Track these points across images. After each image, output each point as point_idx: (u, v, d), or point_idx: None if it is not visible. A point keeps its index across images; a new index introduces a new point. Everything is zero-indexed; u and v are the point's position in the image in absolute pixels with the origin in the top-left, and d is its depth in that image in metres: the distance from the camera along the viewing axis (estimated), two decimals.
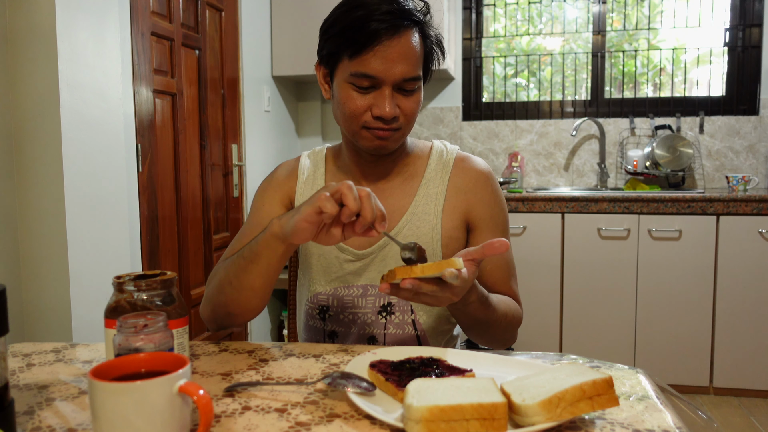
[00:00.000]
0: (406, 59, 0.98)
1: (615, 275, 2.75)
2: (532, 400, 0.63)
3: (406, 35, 0.98)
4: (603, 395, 0.64)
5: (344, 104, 1.01)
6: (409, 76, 0.99)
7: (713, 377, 2.71)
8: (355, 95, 1.00)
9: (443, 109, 3.44)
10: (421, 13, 1.02)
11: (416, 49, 1.00)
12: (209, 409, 0.58)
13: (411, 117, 1.03)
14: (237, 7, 2.73)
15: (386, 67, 0.97)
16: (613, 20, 3.32)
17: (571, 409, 0.63)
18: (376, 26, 0.95)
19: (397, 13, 0.97)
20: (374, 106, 0.99)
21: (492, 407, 0.62)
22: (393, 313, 1.11)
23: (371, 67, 0.97)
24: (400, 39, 0.97)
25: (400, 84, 0.99)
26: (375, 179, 1.13)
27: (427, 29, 1.03)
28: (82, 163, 1.63)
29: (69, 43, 1.57)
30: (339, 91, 1.02)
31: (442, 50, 1.07)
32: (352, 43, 0.97)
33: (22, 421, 0.70)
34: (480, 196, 1.12)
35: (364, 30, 0.96)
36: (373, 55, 0.96)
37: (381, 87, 0.99)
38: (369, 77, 0.98)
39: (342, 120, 1.05)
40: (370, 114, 1.00)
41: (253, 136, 2.87)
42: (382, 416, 0.66)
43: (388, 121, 1.00)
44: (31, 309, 1.59)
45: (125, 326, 0.67)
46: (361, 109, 1.00)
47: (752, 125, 3.11)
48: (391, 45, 0.96)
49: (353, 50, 0.97)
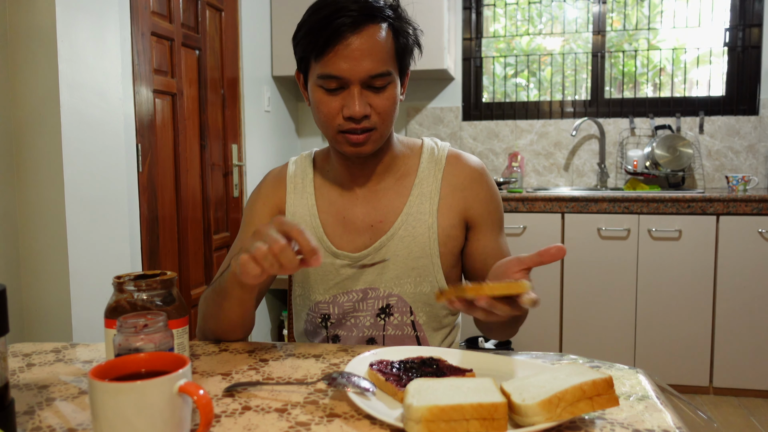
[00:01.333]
0: (371, 55, 0.95)
1: (615, 275, 2.75)
2: (532, 400, 0.63)
3: (370, 31, 0.96)
4: (603, 395, 0.64)
5: (317, 108, 1.00)
6: (375, 72, 0.96)
7: (713, 377, 2.71)
8: (326, 98, 0.98)
9: (443, 109, 3.44)
10: (389, 8, 0.99)
11: (383, 43, 0.97)
12: (209, 409, 0.58)
13: (385, 115, 1.00)
14: (237, 7, 2.73)
15: (351, 65, 0.95)
16: (613, 20, 3.32)
17: (571, 409, 0.63)
18: (337, 24, 0.93)
19: (359, 9, 0.95)
20: (345, 106, 0.97)
21: (492, 407, 0.62)
22: (392, 315, 1.10)
23: (335, 67, 0.95)
24: (364, 35, 0.95)
25: (369, 81, 0.97)
26: (365, 181, 1.11)
27: (398, 24, 1.00)
28: (82, 163, 1.63)
29: (69, 43, 1.57)
30: (312, 95, 1.01)
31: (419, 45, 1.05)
32: (316, 45, 0.96)
33: (22, 421, 0.70)
34: (477, 194, 1.11)
35: (326, 30, 0.94)
36: (336, 55, 0.95)
37: (349, 86, 0.97)
38: (335, 78, 0.96)
39: (319, 125, 1.03)
40: (342, 116, 0.98)
41: (253, 136, 2.87)
42: (382, 416, 0.66)
43: (359, 120, 0.97)
44: (31, 309, 1.59)
45: (125, 326, 0.67)
46: (334, 111, 0.98)
47: (752, 125, 3.11)
48: (354, 42, 0.94)
49: (317, 51, 0.96)
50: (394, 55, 1.00)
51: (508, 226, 2.81)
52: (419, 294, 1.10)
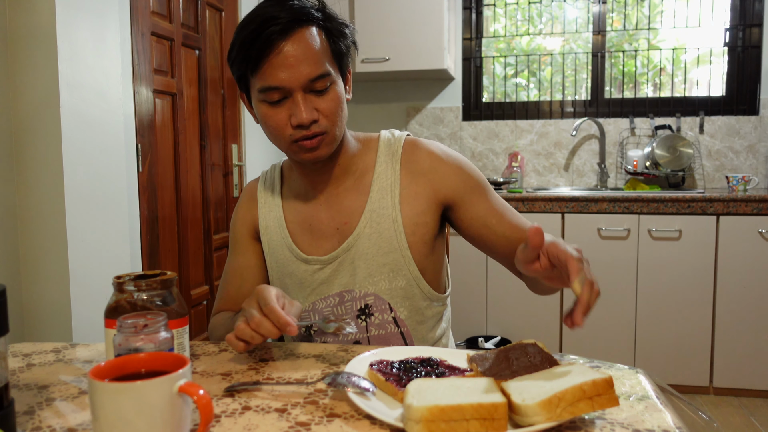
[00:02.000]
0: (306, 59, 0.94)
1: (615, 275, 2.75)
2: (532, 400, 0.63)
3: (300, 35, 0.95)
4: (603, 395, 0.64)
5: (266, 124, 1.00)
6: (314, 75, 0.95)
7: (713, 377, 2.71)
8: (271, 111, 0.98)
9: (443, 109, 3.44)
10: (315, 9, 0.99)
11: (315, 46, 0.96)
12: (209, 409, 0.58)
13: (333, 116, 0.99)
14: (237, 7, 2.73)
15: (288, 73, 0.94)
16: (613, 20, 3.32)
17: (571, 409, 0.63)
18: (267, 34, 0.93)
19: (286, 16, 0.94)
20: (291, 115, 0.96)
21: (492, 407, 0.62)
22: (372, 315, 1.10)
23: (274, 77, 0.94)
24: (295, 40, 0.94)
25: (310, 86, 0.96)
26: (325, 186, 1.11)
27: (328, 24, 0.99)
28: (82, 163, 1.63)
29: (69, 43, 1.57)
30: (257, 111, 1.01)
31: (354, 42, 1.05)
32: (249, 59, 0.95)
33: (23, 421, 0.70)
34: (441, 173, 1.08)
35: (257, 42, 0.93)
36: (271, 65, 0.94)
37: (292, 94, 0.96)
38: (275, 89, 0.95)
39: (272, 140, 1.02)
40: (290, 126, 0.97)
41: (253, 136, 2.87)
42: (382, 416, 0.66)
43: (308, 126, 0.97)
44: (31, 309, 1.59)
45: (125, 326, 0.67)
46: (282, 123, 0.97)
47: (752, 125, 3.11)
48: (286, 49, 0.93)
49: (252, 66, 0.95)
50: (331, 55, 0.99)
51: None
52: (395, 289, 1.09)
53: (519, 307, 2.85)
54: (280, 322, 0.81)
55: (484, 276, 2.87)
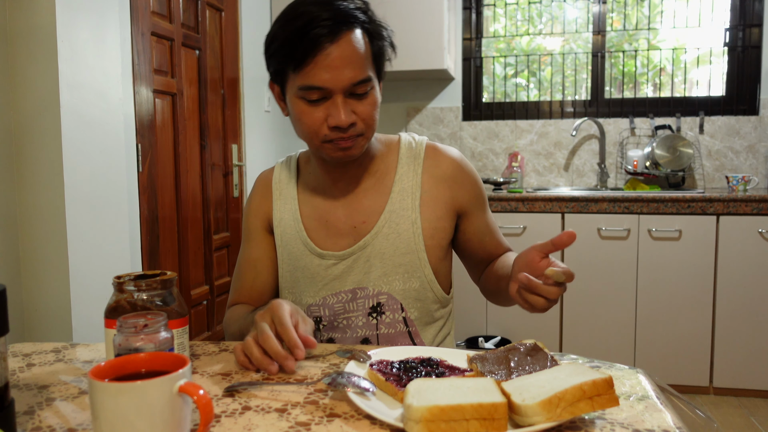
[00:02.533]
0: (352, 63, 0.95)
1: (615, 275, 2.75)
2: (532, 400, 0.63)
3: (347, 38, 0.95)
4: (603, 395, 0.64)
5: (300, 120, 0.99)
6: (357, 80, 0.96)
7: (713, 377, 2.71)
8: (308, 109, 0.97)
9: (443, 109, 3.44)
10: (360, 11, 0.98)
11: (361, 50, 0.96)
12: (209, 409, 0.58)
13: (369, 120, 1.00)
14: (237, 7, 2.73)
15: (332, 75, 0.94)
16: (613, 20, 3.32)
17: (571, 409, 0.63)
18: (314, 35, 0.92)
19: (333, 18, 0.93)
20: (329, 116, 0.96)
21: (492, 407, 0.62)
22: (383, 313, 1.10)
23: (317, 78, 0.94)
24: (342, 43, 0.94)
25: (351, 89, 0.96)
26: (345, 185, 1.11)
27: (371, 27, 1.00)
28: (82, 163, 1.63)
29: (69, 43, 1.57)
30: (292, 107, 1.00)
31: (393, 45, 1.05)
32: (293, 56, 0.94)
33: (23, 421, 0.70)
34: (462, 183, 1.12)
35: (303, 41, 0.92)
36: (316, 65, 0.93)
37: (332, 96, 0.96)
38: (317, 89, 0.95)
39: (302, 136, 1.03)
40: (327, 126, 0.97)
41: (253, 136, 2.87)
42: (382, 416, 0.66)
43: (346, 129, 0.97)
44: (31, 309, 1.59)
45: (125, 326, 0.67)
46: (318, 122, 0.97)
47: (752, 125, 3.11)
48: (333, 51, 0.93)
49: (296, 63, 0.94)
50: (372, 59, 1.00)
51: (509, 225, 2.81)
52: (409, 290, 1.10)
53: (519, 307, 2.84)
54: (290, 343, 0.81)
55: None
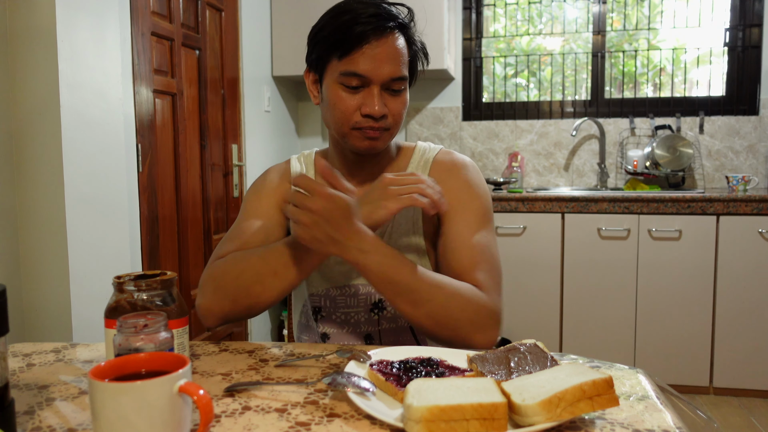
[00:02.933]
0: (393, 59, 1.01)
1: (615, 275, 2.75)
2: (532, 400, 0.63)
3: (392, 37, 1.02)
4: (603, 395, 0.64)
5: (335, 105, 1.03)
6: (396, 76, 1.02)
7: (713, 377, 2.71)
8: (345, 95, 1.02)
9: (443, 109, 3.44)
10: (405, 18, 1.07)
11: (402, 50, 1.03)
12: (209, 409, 0.58)
13: (398, 117, 1.05)
14: (237, 7, 2.73)
15: (374, 66, 1.00)
16: (613, 20, 3.32)
17: (571, 409, 0.63)
18: (362, 28, 0.99)
19: (382, 16, 1.01)
20: (363, 105, 1.01)
21: (492, 407, 0.62)
22: (385, 309, 1.12)
23: (360, 66, 1.00)
24: (387, 40, 1.01)
25: (388, 84, 1.02)
26: (362, 180, 1.13)
27: (411, 34, 1.07)
28: (82, 163, 1.63)
29: (69, 43, 1.57)
30: (329, 92, 1.05)
31: (426, 55, 1.12)
32: (341, 45, 1.00)
33: (23, 421, 0.70)
34: (449, 185, 1.09)
35: (352, 31, 0.99)
36: (362, 55, 1.00)
37: (369, 86, 1.01)
38: (358, 76, 1.00)
39: (332, 121, 1.06)
40: (360, 114, 1.02)
41: (253, 136, 2.87)
42: (382, 416, 0.66)
43: (378, 119, 1.02)
44: (31, 309, 1.59)
45: (125, 326, 0.67)
46: (352, 108, 1.02)
47: (752, 125, 3.11)
48: (378, 45, 1.00)
49: (342, 51, 1.00)
50: (408, 62, 1.06)
51: (509, 226, 2.81)
52: None
53: (519, 307, 2.85)
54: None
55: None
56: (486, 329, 0.95)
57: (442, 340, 0.95)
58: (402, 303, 0.92)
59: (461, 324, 0.93)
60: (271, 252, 0.98)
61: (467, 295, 0.95)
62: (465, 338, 0.94)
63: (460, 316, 0.93)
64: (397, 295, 0.92)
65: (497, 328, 0.97)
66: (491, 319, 0.96)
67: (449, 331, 0.94)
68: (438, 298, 0.92)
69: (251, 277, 0.98)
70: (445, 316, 0.92)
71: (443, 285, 0.94)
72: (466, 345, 0.94)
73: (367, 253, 0.89)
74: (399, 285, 0.91)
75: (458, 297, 0.94)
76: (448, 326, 0.93)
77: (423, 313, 0.92)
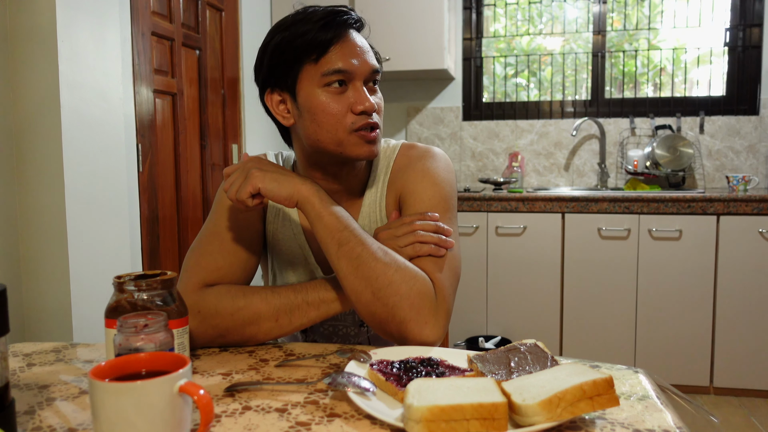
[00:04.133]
0: (367, 53, 0.98)
1: (615, 275, 2.75)
2: (532, 400, 0.63)
3: (363, 32, 1.01)
4: (603, 395, 0.64)
5: (323, 112, 0.95)
6: (375, 68, 0.99)
7: (713, 377, 2.71)
8: (332, 98, 0.95)
9: (443, 109, 3.44)
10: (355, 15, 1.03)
11: (369, 44, 1.01)
12: (209, 409, 0.58)
13: (380, 114, 1.01)
14: (237, 7, 2.73)
15: (357, 59, 0.96)
16: (613, 20, 3.32)
17: (572, 409, 0.63)
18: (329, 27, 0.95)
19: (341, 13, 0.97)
20: (354, 103, 0.95)
21: (492, 407, 0.62)
22: None
23: (343, 61, 0.95)
24: (356, 36, 0.99)
25: (370, 77, 0.98)
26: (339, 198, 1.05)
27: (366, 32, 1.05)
28: (82, 163, 1.63)
29: (69, 43, 1.57)
30: (311, 102, 0.96)
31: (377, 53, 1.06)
32: (314, 47, 0.94)
33: (23, 421, 0.70)
34: (408, 175, 1.04)
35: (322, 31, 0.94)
36: (339, 51, 0.95)
37: (353, 82, 0.96)
38: (341, 71, 0.95)
39: (323, 132, 0.96)
40: (352, 114, 0.96)
41: (253, 136, 2.87)
42: (383, 416, 0.66)
43: (371, 114, 0.96)
44: (31, 309, 1.59)
45: (125, 326, 0.67)
46: (342, 111, 0.95)
47: (752, 125, 3.10)
48: (350, 40, 0.97)
49: (318, 52, 0.95)
50: None
51: (509, 225, 2.81)
52: None
53: (519, 307, 2.85)
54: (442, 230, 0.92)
55: (484, 276, 2.87)
56: (429, 318, 0.88)
57: (377, 320, 0.89)
58: (345, 264, 0.88)
59: (402, 303, 0.86)
60: (277, 296, 0.94)
61: (409, 271, 0.88)
62: (403, 323, 0.87)
63: (403, 292, 0.87)
64: (342, 255, 0.88)
65: (444, 321, 0.89)
66: (427, 301, 0.88)
67: (387, 309, 0.87)
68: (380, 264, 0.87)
69: (248, 317, 0.93)
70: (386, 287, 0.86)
71: (390, 262, 0.88)
72: (403, 333, 0.87)
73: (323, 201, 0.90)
74: (347, 243, 0.87)
75: (402, 273, 0.87)
76: (387, 303, 0.86)
77: (362, 278, 0.87)
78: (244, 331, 0.94)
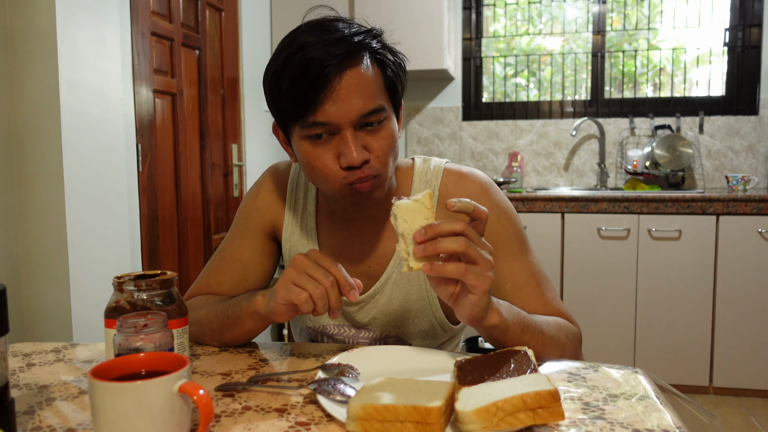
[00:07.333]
0: (359, 92, 0.83)
1: (615, 275, 2.75)
2: (471, 407, 0.60)
3: (355, 67, 0.83)
4: (546, 408, 0.61)
5: (309, 164, 0.87)
6: (367, 110, 0.84)
7: (713, 377, 2.71)
8: (315, 150, 0.85)
9: (443, 109, 3.44)
10: (369, 36, 0.87)
11: (370, 77, 0.85)
12: (209, 409, 0.58)
13: (384, 156, 0.87)
14: (237, 7, 2.73)
15: (338, 108, 0.82)
16: (613, 20, 3.32)
17: (510, 420, 0.60)
18: (322, 77, 0.81)
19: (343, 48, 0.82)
20: (340, 155, 0.84)
21: (425, 411, 0.60)
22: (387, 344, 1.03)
23: (321, 113, 0.82)
24: (349, 73, 0.83)
25: (361, 121, 0.84)
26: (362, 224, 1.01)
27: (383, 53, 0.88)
28: (82, 163, 1.63)
29: (69, 43, 1.57)
30: (299, 152, 0.88)
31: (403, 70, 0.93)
32: (297, 95, 0.83)
33: (23, 421, 0.70)
34: None
35: (305, 77, 0.82)
36: (322, 100, 0.82)
37: (340, 131, 0.84)
38: (321, 124, 0.83)
39: (318, 182, 0.91)
40: (340, 167, 0.85)
41: (253, 136, 2.87)
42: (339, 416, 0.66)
43: (359, 167, 0.85)
44: (31, 309, 1.59)
45: (125, 326, 0.67)
46: (329, 164, 0.85)
47: (752, 125, 3.11)
48: (339, 83, 0.82)
49: (299, 102, 0.83)
50: (384, 88, 0.88)
51: None
52: (418, 332, 1.03)
53: None
54: (345, 284, 0.77)
55: None
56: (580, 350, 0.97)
57: None
58: None
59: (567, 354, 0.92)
60: (216, 312, 0.95)
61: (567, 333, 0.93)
62: None
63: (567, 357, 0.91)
64: None
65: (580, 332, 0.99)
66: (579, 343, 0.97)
67: None
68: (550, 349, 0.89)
69: (199, 330, 0.97)
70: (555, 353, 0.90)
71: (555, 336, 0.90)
72: None
73: None
74: None
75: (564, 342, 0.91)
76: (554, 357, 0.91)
77: None
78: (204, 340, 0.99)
